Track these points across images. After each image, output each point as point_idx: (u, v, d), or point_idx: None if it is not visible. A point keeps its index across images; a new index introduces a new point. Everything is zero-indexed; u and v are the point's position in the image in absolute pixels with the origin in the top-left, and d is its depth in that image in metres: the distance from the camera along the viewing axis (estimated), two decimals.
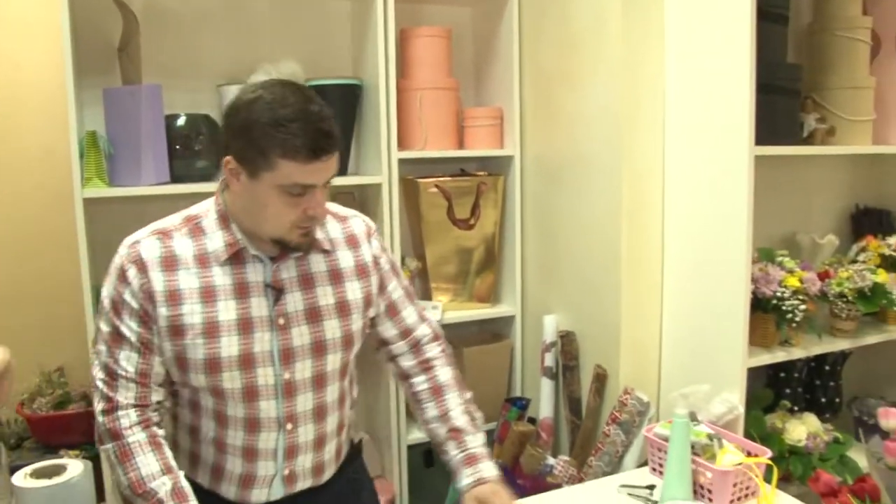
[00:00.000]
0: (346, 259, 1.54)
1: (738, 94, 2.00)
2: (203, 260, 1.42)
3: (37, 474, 2.10)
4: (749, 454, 1.90)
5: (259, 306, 1.43)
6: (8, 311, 2.81)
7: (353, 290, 1.53)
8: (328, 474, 1.59)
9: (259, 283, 1.44)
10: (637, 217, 2.26)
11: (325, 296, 1.49)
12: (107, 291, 1.44)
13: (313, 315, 1.48)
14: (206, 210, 1.48)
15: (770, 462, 1.83)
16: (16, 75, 2.72)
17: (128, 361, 1.41)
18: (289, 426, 1.48)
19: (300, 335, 1.46)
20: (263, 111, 1.30)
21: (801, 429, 2.24)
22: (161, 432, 1.46)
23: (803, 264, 2.23)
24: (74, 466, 1.55)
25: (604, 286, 2.34)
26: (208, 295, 1.41)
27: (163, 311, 1.39)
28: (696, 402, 1.97)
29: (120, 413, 1.42)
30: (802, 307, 2.12)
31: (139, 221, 1.52)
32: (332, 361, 1.51)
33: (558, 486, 2.31)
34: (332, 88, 2.47)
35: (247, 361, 1.42)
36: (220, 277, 1.42)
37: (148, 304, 1.39)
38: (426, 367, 1.68)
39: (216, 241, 1.43)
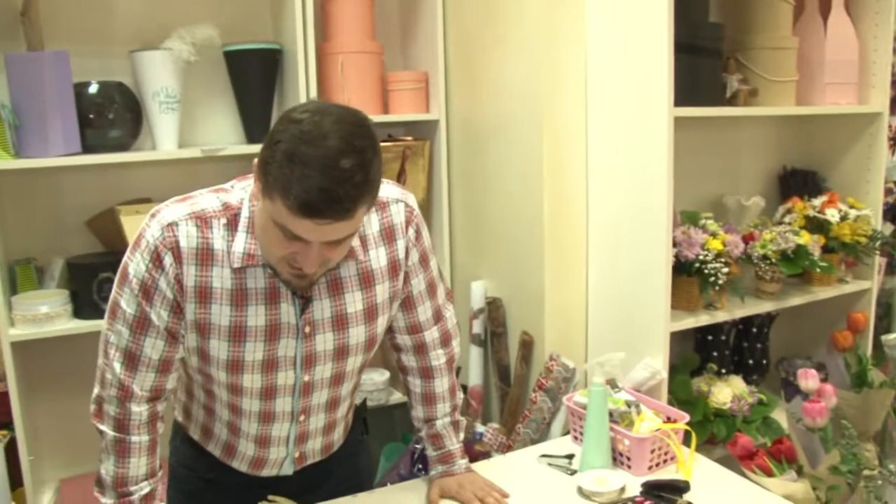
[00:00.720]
0: (379, 258, 1.43)
1: (657, 54, 1.97)
2: (237, 259, 1.32)
3: None
4: (669, 419, 1.89)
5: (287, 313, 1.36)
6: None
7: (383, 292, 1.45)
8: (335, 448, 1.63)
9: (288, 291, 1.35)
10: (559, 181, 2.23)
11: (354, 302, 1.41)
12: (136, 270, 1.31)
13: (340, 322, 1.41)
14: (241, 201, 1.34)
15: (687, 427, 1.82)
16: None
17: (153, 349, 1.34)
18: (301, 418, 1.48)
19: (324, 342, 1.41)
20: (294, 137, 1.14)
21: (727, 391, 2.25)
22: (161, 429, 1.42)
23: (726, 226, 2.22)
24: None
25: (527, 252, 2.31)
26: (239, 298, 1.32)
27: (191, 306, 1.32)
28: (612, 369, 1.95)
29: (133, 407, 1.36)
30: (725, 270, 2.11)
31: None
32: (353, 363, 1.47)
33: (487, 454, 2.29)
34: (250, 53, 2.39)
35: (270, 366, 1.38)
36: (253, 280, 1.33)
37: (179, 295, 1.31)
38: (425, 373, 1.65)
39: (238, 244, 1.31)
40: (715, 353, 2.40)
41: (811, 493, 1.80)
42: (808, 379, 2.04)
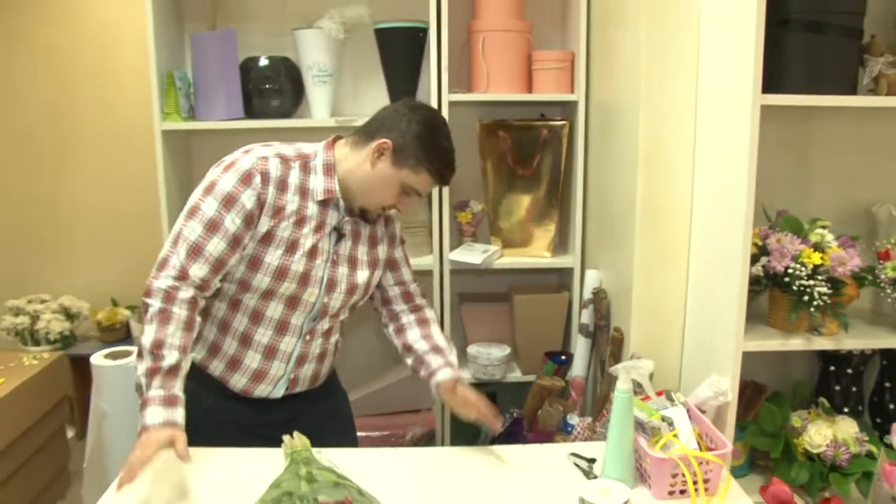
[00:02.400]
0: (381, 230, 1.88)
1: (747, 33, 1.72)
2: (304, 193, 1.72)
3: (111, 356, 2.60)
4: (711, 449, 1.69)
5: (325, 242, 1.76)
6: (108, 223, 3.58)
7: (381, 253, 1.88)
8: (321, 381, 1.93)
9: (331, 225, 1.76)
10: (657, 173, 2.05)
11: (363, 252, 1.84)
12: (224, 185, 1.65)
13: (353, 262, 1.81)
14: (315, 153, 1.76)
15: (716, 458, 1.61)
16: (107, 28, 3.40)
17: (216, 247, 1.65)
18: (307, 337, 1.81)
19: (342, 274, 1.80)
20: (434, 132, 1.70)
21: (827, 433, 1.91)
22: (198, 320, 1.69)
23: (841, 239, 1.86)
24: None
25: (622, 244, 2.18)
26: (300, 221, 1.72)
27: (266, 219, 1.68)
28: (639, 377, 1.79)
29: (183, 286, 1.64)
30: (823, 289, 1.79)
31: (220, 154, 1.76)
32: (354, 300, 1.85)
33: None
34: (397, 31, 2.56)
35: (304, 279, 1.74)
36: (311, 211, 1.73)
37: (257, 209, 1.66)
38: (415, 308, 1.96)
39: (318, 183, 1.73)
40: (837, 388, 2.03)
41: None
42: None
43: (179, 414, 1.59)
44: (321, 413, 1.91)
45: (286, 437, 1.68)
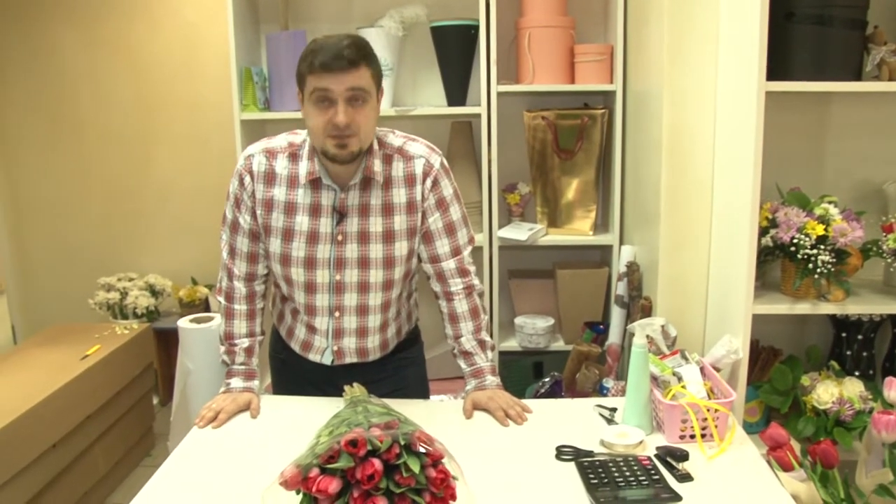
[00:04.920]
0: (399, 195, 1.83)
1: (752, 22, 1.91)
2: (293, 181, 1.81)
3: (195, 321, 2.95)
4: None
5: (325, 224, 1.82)
6: (188, 209, 3.96)
7: (401, 222, 1.84)
8: (373, 357, 1.99)
9: (328, 207, 1.81)
10: (680, 154, 2.25)
11: (375, 225, 1.83)
12: (231, 189, 1.88)
13: (363, 237, 1.83)
14: (304, 140, 1.83)
15: (722, 408, 1.80)
16: (188, 32, 3.79)
17: (242, 244, 1.90)
18: (336, 314, 1.90)
19: (351, 250, 1.83)
20: (306, 48, 1.71)
21: (834, 391, 2.08)
22: (260, 304, 1.98)
23: (846, 213, 2.03)
24: (219, 318, 2.18)
25: (650, 221, 2.38)
26: (290, 209, 1.82)
27: (259, 212, 1.84)
28: (653, 333, 1.99)
29: (235, 283, 1.94)
30: (825, 258, 1.97)
31: None
32: (375, 275, 1.86)
33: None
34: (451, 29, 2.81)
35: (310, 263, 1.84)
36: (302, 197, 1.81)
37: (254, 204, 1.84)
38: (448, 297, 1.96)
39: (303, 168, 1.80)
40: (848, 353, 2.20)
41: (817, 498, 1.69)
42: (892, 389, 1.85)
43: (255, 384, 1.94)
44: (385, 386, 1.95)
45: (346, 387, 1.81)
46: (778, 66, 1.93)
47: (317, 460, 1.31)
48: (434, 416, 1.84)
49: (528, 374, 3.03)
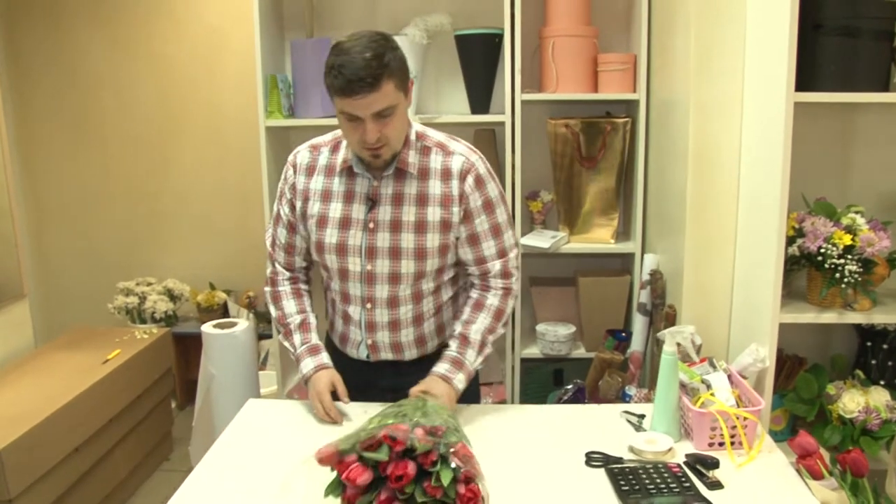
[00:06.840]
0: (435, 187, 1.84)
1: (781, 34, 1.92)
2: (330, 170, 1.90)
3: (219, 326, 2.96)
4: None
5: (358, 211, 1.87)
6: (207, 215, 3.99)
7: (434, 214, 1.84)
8: (409, 354, 1.99)
9: (362, 195, 1.87)
10: (706, 163, 2.26)
11: (408, 214, 1.84)
12: (280, 184, 1.99)
13: (395, 226, 1.85)
14: None
15: (750, 415, 1.81)
16: (212, 38, 3.83)
17: (281, 235, 2.01)
18: (368, 305, 1.93)
19: (383, 239, 1.86)
20: (332, 55, 1.70)
21: (860, 400, 2.08)
22: (305, 287, 2.07)
23: (873, 223, 2.04)
24: (242, 324, 2.24)
25: (675, 229, 2.39)
26: (326, 196, 1.90)
27: (298, 202, 1.93)
28: (683, 341, 2.00)
29: (278, 269, 2.05)
30: (853, 268, 1.97)
31: None
32: (406, 266, 1.87)
33: None
34: (475, 37, 2.83)
35: (341, 250, 1.89)
36: (337, 185, 1.89)
37: (293, 196, 1.94)
38: (484, 288, 1.97)
39: (341, 157, 1.88)
40: (874, 362, 2.20)
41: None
42: None
43: (325, 356, 1.96)
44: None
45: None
46: (805, 77, 1.94)
47: (357, 446, 1.33)
48: (464, 419, 1.84)
49: (548, 381, 3.04)
